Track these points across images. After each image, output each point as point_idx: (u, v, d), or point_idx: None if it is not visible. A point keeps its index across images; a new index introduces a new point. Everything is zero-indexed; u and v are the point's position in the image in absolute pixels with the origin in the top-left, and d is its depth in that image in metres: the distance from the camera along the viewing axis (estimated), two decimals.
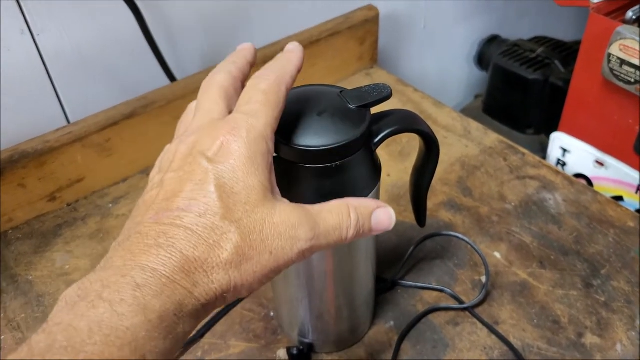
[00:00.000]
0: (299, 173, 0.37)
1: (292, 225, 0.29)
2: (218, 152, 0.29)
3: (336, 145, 0.36)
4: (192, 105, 0.36)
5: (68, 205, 0.66)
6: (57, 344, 0.23)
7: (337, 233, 0.31)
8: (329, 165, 0.37)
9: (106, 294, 0.24)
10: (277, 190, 0.32)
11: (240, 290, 0.28)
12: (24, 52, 0.60)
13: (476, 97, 1.17)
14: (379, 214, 0.34)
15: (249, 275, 0.28)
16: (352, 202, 0.32)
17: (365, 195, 0.40)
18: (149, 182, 0.31)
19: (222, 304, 0.29)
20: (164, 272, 0.26)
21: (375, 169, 0.41)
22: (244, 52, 0.36)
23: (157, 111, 0.67)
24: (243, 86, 0.35)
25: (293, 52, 0.36)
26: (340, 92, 0.39)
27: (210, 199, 0.28)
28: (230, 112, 0.32)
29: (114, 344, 0.23)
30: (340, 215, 0.31)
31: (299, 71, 0.35)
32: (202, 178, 0.28)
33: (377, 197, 0.43)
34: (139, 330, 0.24)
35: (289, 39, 0.77)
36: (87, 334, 0.23)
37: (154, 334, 0.24)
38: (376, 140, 0.39)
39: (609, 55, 0.66)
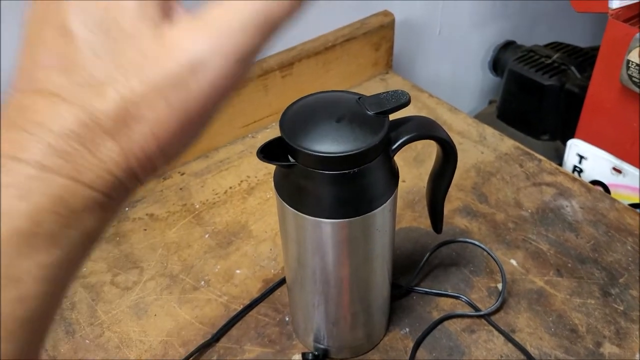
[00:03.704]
0: (317, 179, 0.37)
1: (185, 50, 0.20)
2: None
3: (355, 151, 0.36)
4: None
5: None
6: None
7: (267, 8, 0.20)
8: (347, 171, 0.37)
9: None
10: (172, 2, 0.22)
11: (147, 162, 0.21)
12: None
13: (490, 102, 1.17)
14: None
15: (148, 139, 0.20)
16: None
17: (384, 202, 0.40)
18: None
19: (137, 187, 0.22)
20: (29, 162, 0.19)
21: (393, 175, 0.41)
22: None
23: None
24: None
25: None
26: (359, 98, 0.39)
27: (73, 46, 0.20)
28: None
29: None
30: None
31: None
32: (59, 17, 0.21)
33: (394, 203, 0.43)
34: (6, 245, 0.18)
35: (305, 45, 0.77)
36: None
37: (28, 246, 0.19)
38: (394, 146, 0.40)
39: (628, 61, 0.65)
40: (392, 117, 0.40)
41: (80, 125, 0.20)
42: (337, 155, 0.36)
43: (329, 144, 0.36)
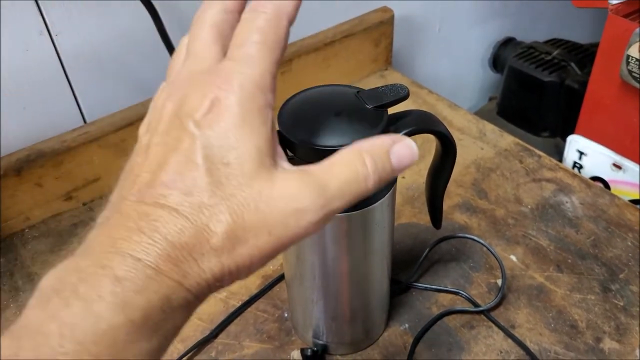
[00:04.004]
0: None
1: (294, 197, 0.24)
2: (207, 113, 0.24)
3: None
4: (184, 41, 0.30)
5: (84, 204, 0.66)
6: (22, 353, 0.20)
7: (354, 187, 0.26)
8: None
9: (83, 289, 0.21)
10: (279, 151, 0.27)
11: (236, 276, 0.25)
12: (42, 53, 0.60)
13: (490, 99, 1.16)
14: (398, 149, 0.27)
15: (245, 259, 0.24)
16: (364, 146, 0.27)
17: (382, 197, 0.40)
18: (138, 140, 0.27)
19: (218, 289, 0.25)
20: (148, 263, 0.22)
21: None
22: None
23: None
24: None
25: None
26: (357, 92, 0.39)
27: (197, 173, 0.24)
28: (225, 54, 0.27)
29: (88, 352, 0.20)
30: (353, 166, 0.26)
31: (300, 2, 0.28)
32: (188, 147, 0.24)
33: (393, 198, 0.42)
34: (119, 332, 0.21)
35: (304, 41, 0.77)
36: (58, 342, 0.20)
37: (137, 335, 0.21)
38: None
39: (628, 57, 0.65)
40: (391, 111, 0.40)
41: (193, 239, 0.23)
42: (335, 148, 0.35)
43: (327, 137, 0.35)
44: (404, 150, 0.28)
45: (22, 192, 0.61)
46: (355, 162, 0.26)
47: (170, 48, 0.67)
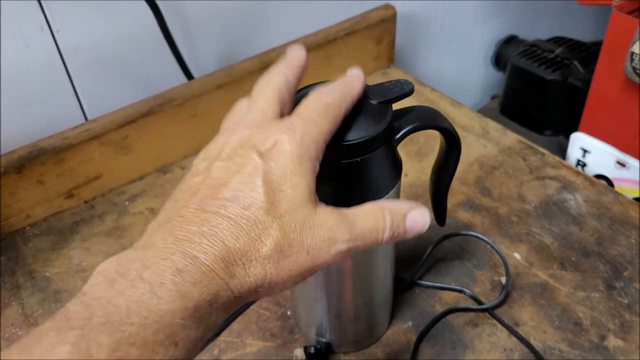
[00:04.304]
0: (320, 169, 0.37)
1: (330, 228, 0.30)
2: (271, 148, 0.29)
3: (358, 140, 0.35)
4: (243, 103, 0.35)
5: (85, 202, 0.66)
6: (95, 318, 0.23)
7: (373, 235, 0.31)
8: (350, 161, 0.36)
9: (147, 274, 0.25)
10: (317, 196, 0.32)
11: (273, 286, 0.28)
12: (43, 49, 0.60)
13: (492, 97, 1.16)
14: (413, 215, 0.33)
15: (285, 272, 0.28)
16: (387, 205, 0.33)
17: (387, 192, 0.40)
18: (192, 168, 0.31)
19: (253, 299, 0.29)
20: (204, 261, 0.26)
21: (397, 165, 0.40)
22: (299, 59, 0.36)
23: (174, 109, 0.67)
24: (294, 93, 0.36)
25: (357, 78, 0.35)
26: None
27: (256, 193, 0.28)
28: (282, 117, 0.33)
29: (150, 327, 0.23)
30: (376, 218, 0.32)
31: (358, 98, 0.35)
32: (251, 171, 0.29)
33: (397, 194, 0.42)
34: (176, 316, 0.24)
35: (306, 38, 0.76)
36: (126, 313, 0.23)
37: (189, 322, 0.25)
38: (397, 136, 0.39)
39: (632, 53, 0.64)
40: (396, 107, 0.39)
41: (246, 247, 0.27)
42: (339, 144, 0.35)
43: None
44: (418, 218, 0.33)
45: (23, 189, 0.61)
46: (378, 216, 0.32)
47: (173, 46, 0.67)
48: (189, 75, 0.70)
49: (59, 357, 0.22)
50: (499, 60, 1.08)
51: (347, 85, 0.34)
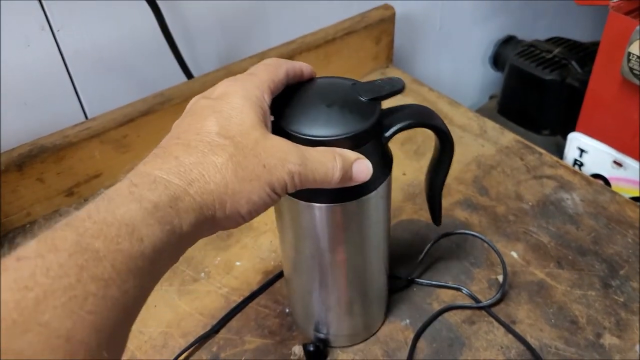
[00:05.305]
0: None
1: (282, 149, 0.32)
2: (220, 95, 0.34)
3: (345, 136, 0.36)
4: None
5: (85, 200, 0.66)
6: (58, 226, 0.26)
7: (323, 170, 0.34)
8: None
9: (108, 194, 0.28)
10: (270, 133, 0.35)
11: (238, 199, 0.31)
12: (44, 48, 0.60)
13: (491, 97, 1.17)
14: (358, 164, 0.36)
15: (246, 183, 0.31)
16: (337, 150, 0.35)
17: (376, 188, 0.40)
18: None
19: (223, 216, 0.31)
20: (158, 174, 0.29)
21: (385, 162, 0.41)
22: (307, 71, 0.40)
23: (173, 108, 0.67)
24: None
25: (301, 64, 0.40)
26: (353, 84, 0.39)
27: (208, 122, 0.32)
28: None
29: (111, 224, 0.26)
30: (327, 157, 0.34)
31: (300, 69, 0.39)
32: (202, 112, 0.33)
33: (388, 190, 0.42)
34: (135, 214, 0.27)
35: (305, 38, 0.77)
36: (86, 215, 0.26)
37: (150, 220, 0.27)
38: (387, 133, 0.39)
39: (629, 54, 0.65)
40: (390, 105, 0.40)
41: (201, 159, 0.31)
42: (324, 139, 0.35)
43: (317, 128, 0.36)
44: (362, 167, 0.36)
45: (23, 187, 0.61)
46: (329, 156, 0.34)
47: (173, 45, 0.67)
48: (189, 74, 0.70)
49: (25, 252, 0.24)
50: (497, 61, 1.08)
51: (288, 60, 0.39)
